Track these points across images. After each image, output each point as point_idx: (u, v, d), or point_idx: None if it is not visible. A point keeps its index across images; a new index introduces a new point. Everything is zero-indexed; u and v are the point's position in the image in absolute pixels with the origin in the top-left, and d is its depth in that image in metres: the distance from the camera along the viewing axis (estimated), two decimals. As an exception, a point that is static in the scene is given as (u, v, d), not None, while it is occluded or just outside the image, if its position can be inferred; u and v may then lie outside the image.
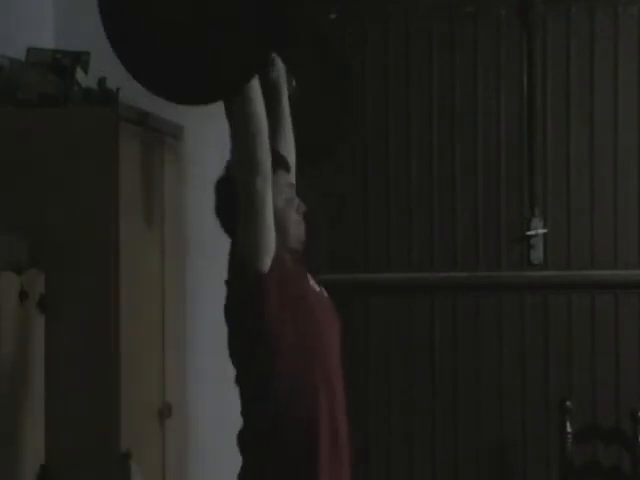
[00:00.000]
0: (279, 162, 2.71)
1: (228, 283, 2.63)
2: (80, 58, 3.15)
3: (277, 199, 2.62)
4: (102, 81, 3.08)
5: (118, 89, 3.04)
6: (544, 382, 4.63)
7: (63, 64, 3.10)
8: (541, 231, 4.64)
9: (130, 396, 3.02)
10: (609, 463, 4.11)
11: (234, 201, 2.53)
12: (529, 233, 4.65)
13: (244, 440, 2.65)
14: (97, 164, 2.97)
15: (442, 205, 4.68)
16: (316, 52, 3.42)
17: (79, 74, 3.10)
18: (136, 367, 3.11)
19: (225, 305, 2.65)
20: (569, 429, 4.06)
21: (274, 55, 2.91)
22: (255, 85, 2.45)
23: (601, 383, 4.60)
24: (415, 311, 4.69)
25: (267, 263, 2.53)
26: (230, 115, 2.51)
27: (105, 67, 2.96)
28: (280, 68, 2.96)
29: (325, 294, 2.80)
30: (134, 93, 2.91)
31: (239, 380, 2.65)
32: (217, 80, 2.31)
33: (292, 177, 2.92)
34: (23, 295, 2.79)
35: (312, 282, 2.76)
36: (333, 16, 4.70)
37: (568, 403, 4.10)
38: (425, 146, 4.70)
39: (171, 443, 3.49)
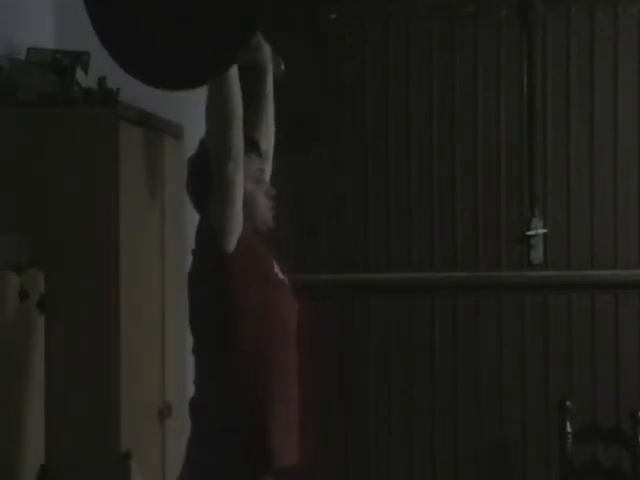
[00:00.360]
0: (251, 146, 2.73)
1: (194, 253, 2.68)
2: (80, 58, 3.14)
3: (246, 182, 2.65)
4: (102, 81, 3.07)
5: (118, 89, 3.03)
6: (544, 382, 4.63)
7: (63, 64, 3.09)
8: (541, 231, 4.65)
9: (130, 396, 3.02)
10: (609, 463, 4.11)
11: (205, 178, 2.58)
12: (529, 233, 4.65)
13: (197, 408, 2.68)
14: (97, 164, 2.96)
15: (442, 205, 4.69)
16: (310, 42, 3.39)
17: (79, 74, 3.09)
18: (136, 367, 3.11)
19: (189, 274, 2.71)
20: (569, 429, 4.06)
21: (261, 38, 2.91)
22: (233, 69, 2.46)
23: (601, 383, 4.60)
24: (415, 311, 4.69)
25: (233, 243, 2.59)
26: (207, 97, 2.53)
27: (105, 67, 2.95)
28: (267, 51, 2.96)
29: (287, 283, 2.81)
30: (134, 93, 2.91)
31: (196, 350, 2.69)
32: (199, 64, 2.32)
33: (268, 162, 2.94)
34: (23, 295, 2.78)
35: (276, 269, 2.77)
36: (333, 16, 4.70)
37: (568, 403, 4.10)
38: (425, 146, 4.70)
39: (171, 443, 3.49)
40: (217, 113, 2.52)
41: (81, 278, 2.95)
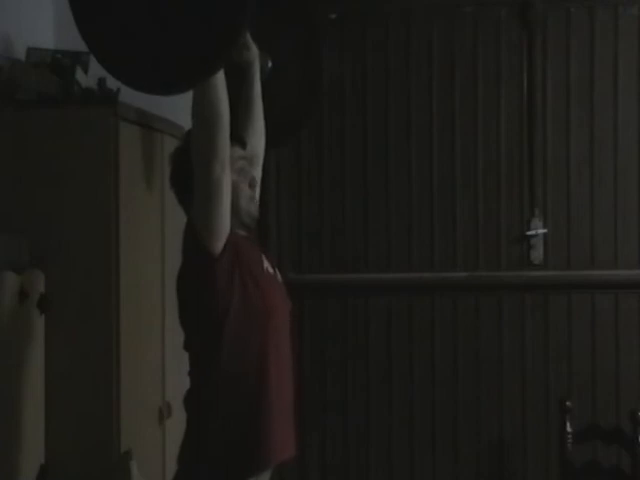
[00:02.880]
0: (234, 137, 2.71)
1: (183, 252, 2.67)
2: (80, 58, 3.14)
3: (230, 173, 2.63)
4: (102, 81, 3.07)
5: (118, 89, 3.03)
6: (544, 382, 4.63)
7: (63, 64, 3.10)
8: (541, 231, 4.64)
9: (130, 396, 3.02)
10: (609, 463, 4.11)
11: (190, 173, 2.56)
12: (529, 233, 4.65)
13: (192, 402, 2.68)
14: (97, 164, 2.96)
15: (442, 205, 4.68)
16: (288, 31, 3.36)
17: (79, 74, 3.10)
18: (136, 367, 3.11)
19: (178, 271, 2.69)
20: (569, 429, 4.05)
21: (249, 38, 2.90)
22: (219, 72, 2.44)
23: (601, 383, 4.60)
24: (415, 311, 4.69)
25: (219, 246, 2.57)
26: (193, 100, 2.51)
27: (105, 67, 2.95)
28: (255, 51, 2.95)
29: (279, 277, 2.80)
30: (134, 93, 2.91)
31: (187, 345, 2.69)
32: (186, 67, 2.28)
33: (258, 163, 2.94)
34: (23, 295, 2.79)
35: (266, 264, 2.75)
36: (333, 16, 4.70)
37: (568, 403, 4.09)
38: (425, 146, 4.70)
39: (171, 443, 3.49)
40: (202, 115, 2.50)
41: (81, 278, 2.95)
